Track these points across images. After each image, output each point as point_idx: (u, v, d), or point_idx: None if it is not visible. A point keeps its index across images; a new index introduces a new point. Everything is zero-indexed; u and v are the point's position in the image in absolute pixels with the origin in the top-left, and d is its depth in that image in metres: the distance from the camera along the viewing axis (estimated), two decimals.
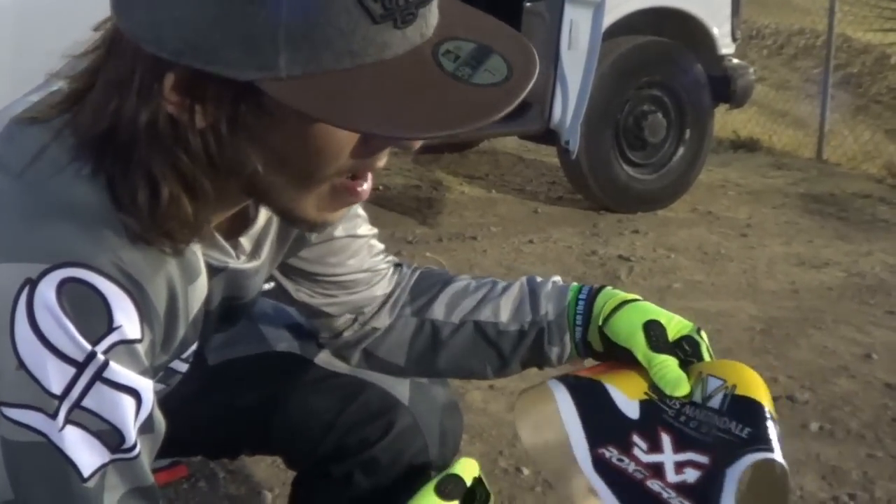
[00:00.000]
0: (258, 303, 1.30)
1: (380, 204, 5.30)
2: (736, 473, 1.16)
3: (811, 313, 3.89)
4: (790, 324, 3.77)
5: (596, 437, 1.23)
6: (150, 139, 0.89)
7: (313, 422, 1.49)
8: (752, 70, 5.88)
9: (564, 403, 1.26)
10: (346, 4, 0.82)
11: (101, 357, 0.88)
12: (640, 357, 1.28)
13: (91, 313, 0.88)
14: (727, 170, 6.59)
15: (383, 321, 1.42)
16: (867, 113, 9.34)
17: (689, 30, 5.45)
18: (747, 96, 5.77)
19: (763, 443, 1.18)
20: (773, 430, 1.21)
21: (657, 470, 1.19)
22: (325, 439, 1.48)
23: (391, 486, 1.49)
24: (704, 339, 1.31)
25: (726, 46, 5.57)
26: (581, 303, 1.37)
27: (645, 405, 1.26)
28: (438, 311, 1.41)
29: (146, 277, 0.95)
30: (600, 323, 1.33)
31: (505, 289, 1.43)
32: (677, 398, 1.26)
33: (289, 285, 1.37)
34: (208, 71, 0.84)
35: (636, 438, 1.22)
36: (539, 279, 1.43)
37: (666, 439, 1.22)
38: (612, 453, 1.21)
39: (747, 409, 1.22)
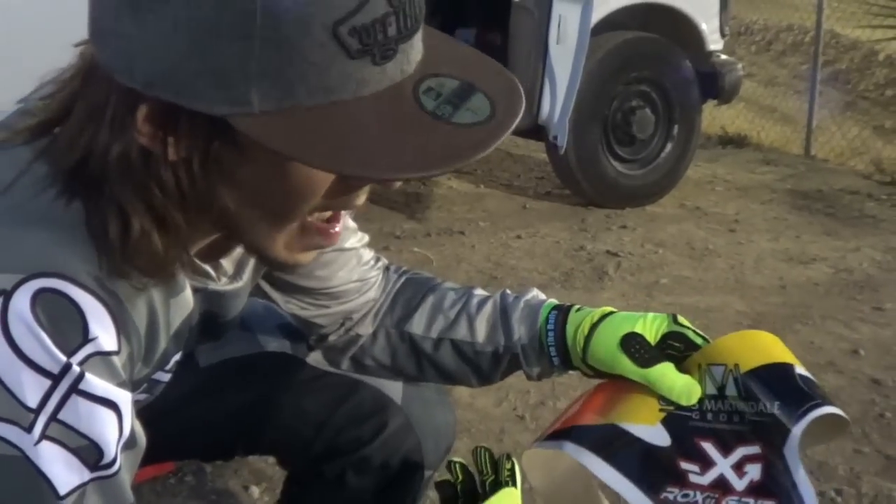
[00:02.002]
0: (248, 303, 1.28)
1: (368, 198, 5.28)
2: (793, 450, 1.13)
3: (798, 309, 3.89)
4: (777, 319, 3.77)
5: (649, 486, 1.15)
6: (121, 172, 0.88)
7: (306, 421, 1.47)
8: (740, 66, 5.88)
9: (598, 466, 1.17)
10: (321, 39, 0.79)
11: (76, 369, 0.85)
12: (634, 378, 1.23)
13: (66, 324, 0.86)
14: (715, 165, 6.59)
15: (367, 329, 1.40)
16: (855, 109, 9.37)
17: (677, 26, 5.44)
18: (735, 92, 5.77)
19: (798, 407, 1.15)
20: (797, 382, 1.17)
21: (723, 485, 1.13)
22: (318, 439, 1.47)
23: (384, 486, 1.48)
24: (687, 325, 1.26)
25: (715, 42, 5.57)
26: (551, 334, 1.32)
27: (668, 423, 1.19)
28: (418, 325, 1.39)
29: (124, 290, 0.93)
30: (581, 356, 1.29)
31: (480, 305, 1.38)
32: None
33: (278, 297, 1.35)
34: (180, 104, 0.82)
35: (684, 465, 1.16)
36: (511, 297, 1.39)
37: (709, 448, 1.17)
38: (673, 493, 1.14)
39: (763, 382, 1.18)
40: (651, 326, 1.26)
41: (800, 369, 1.20)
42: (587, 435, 1.21)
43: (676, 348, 1.25)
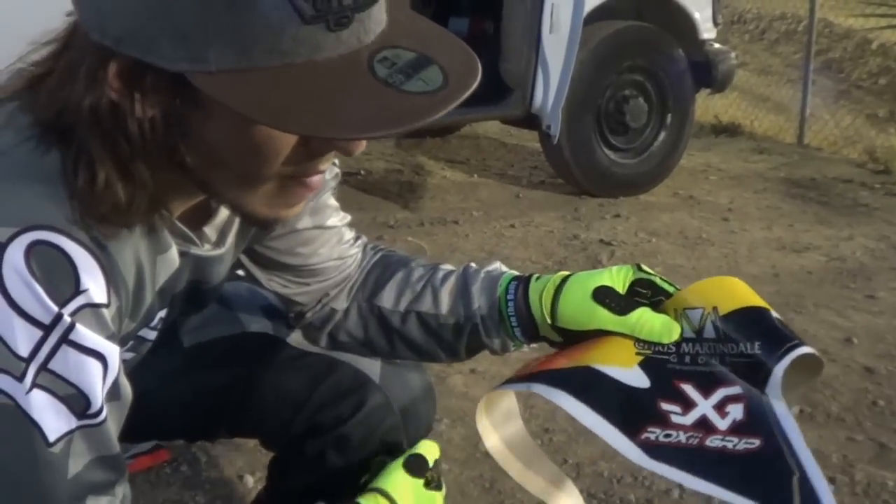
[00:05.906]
0: (232, 285, 1.31)
1: (361, 188, 5.30)
2: (775, 389, 1.12)
3: (792, 297, 3.90)
4: (771, 308, 3.76)
5: (628, 425, 1.12)
6: (91, 123, 0.91)
7: (286, 401, 1.50)
8: (733, 55, 5.88)
9: (572, 406, 1.14)
10: (276, 2, 0.83)
11: (67, 319, 0.89)
12: (614, 329, 1.22)
13: (59, 276, 0.89)
14: (709, 154, 6.60)
15: (342, 304, 1.43)
16: (848, 98, 9.39)
17: (670, 14, 5.45)
18: (729, 81, 5.77)
19: (779, 347, 1.14)
20: (775, 324, 1.17)
21: (706, 425, 1.11)
22: (298, 417, 1.50)
23: (364, 464, 1.49)
24: (651, 272, 1.28)
25: (708, 31, 5.58)
26: (510, 304, 1.32)
27: (645, 366, 1.18)
28: (387, 298, 1.41)
29: (113, 244, 0.97)
30: (549, 321, 1.28)
31: (444, 278, 1.40)
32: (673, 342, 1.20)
33: (261, 275, 1.37)
34: (145, 61, 0.86)
35: (665, 406, 1.14)
36: (474, 267, 1.41)
37: (689, 389, 1.15)
38: (655, 433, 1.11)
39: (742, 324, 1.17)
40: (618, 277, 1.27)
41: (774, 313, 1.19)
42: (559, 377, 1.19)
43: (644, 295, 1.25)
